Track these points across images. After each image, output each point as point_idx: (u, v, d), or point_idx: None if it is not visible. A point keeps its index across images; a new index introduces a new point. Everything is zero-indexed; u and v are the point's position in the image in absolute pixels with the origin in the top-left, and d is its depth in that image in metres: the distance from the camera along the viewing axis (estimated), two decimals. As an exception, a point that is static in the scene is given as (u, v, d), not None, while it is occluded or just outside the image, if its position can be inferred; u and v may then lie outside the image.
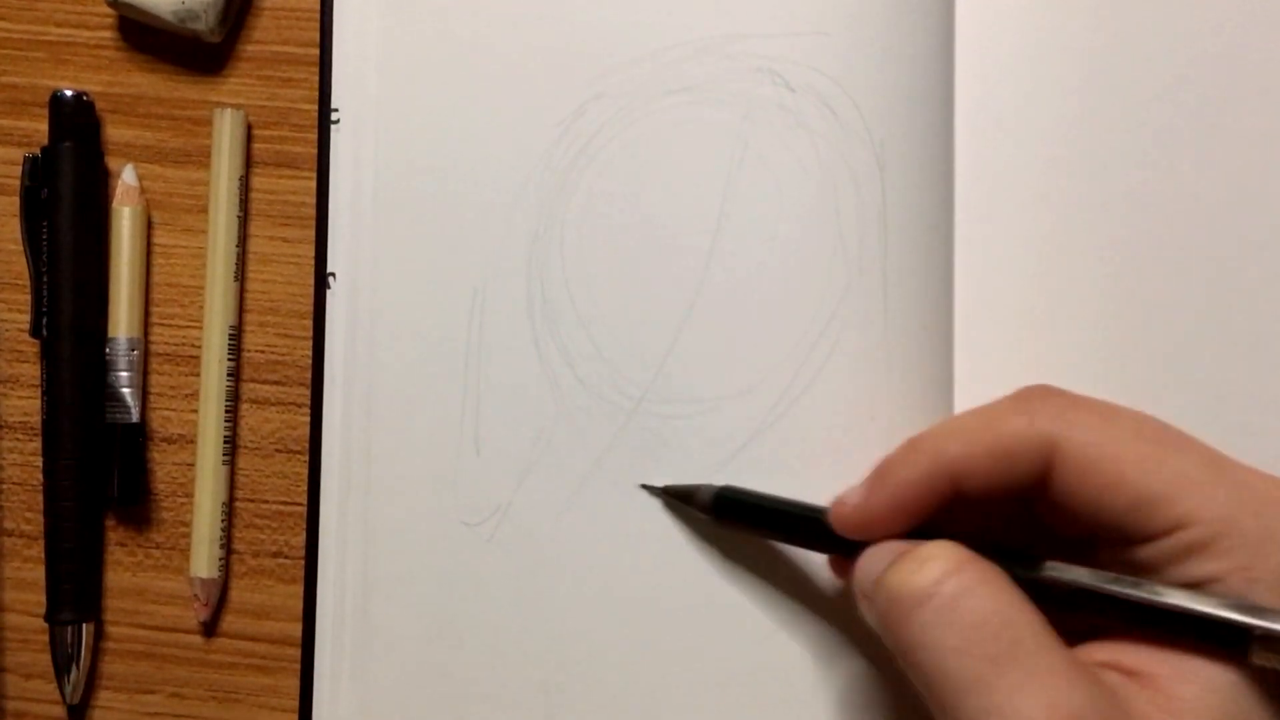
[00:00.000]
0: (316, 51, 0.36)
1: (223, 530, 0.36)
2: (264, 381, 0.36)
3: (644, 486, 0.34)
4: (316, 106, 0.36)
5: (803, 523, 0.30)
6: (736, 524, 0.32)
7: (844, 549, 0.29)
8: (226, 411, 0.36)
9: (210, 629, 0.36)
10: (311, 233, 0.35)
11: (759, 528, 0.32)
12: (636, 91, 0.34)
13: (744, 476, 0.33)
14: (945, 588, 0.24)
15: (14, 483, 0.37)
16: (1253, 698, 0.24)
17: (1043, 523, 0.28)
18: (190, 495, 0.36)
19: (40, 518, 0.36)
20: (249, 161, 0.36)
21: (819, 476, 0.33)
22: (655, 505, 0.34)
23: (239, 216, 0.36)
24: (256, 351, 0.36)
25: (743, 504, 0.32)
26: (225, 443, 0.36)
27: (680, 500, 0.33)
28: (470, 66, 0.35)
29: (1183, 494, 0.24)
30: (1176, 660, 0.24)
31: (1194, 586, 0.24)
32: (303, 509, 0.35)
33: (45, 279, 0.35)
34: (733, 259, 0.34)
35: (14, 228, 0.36)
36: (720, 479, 0.33)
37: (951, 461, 0.26)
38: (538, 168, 0.34)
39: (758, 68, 0.34)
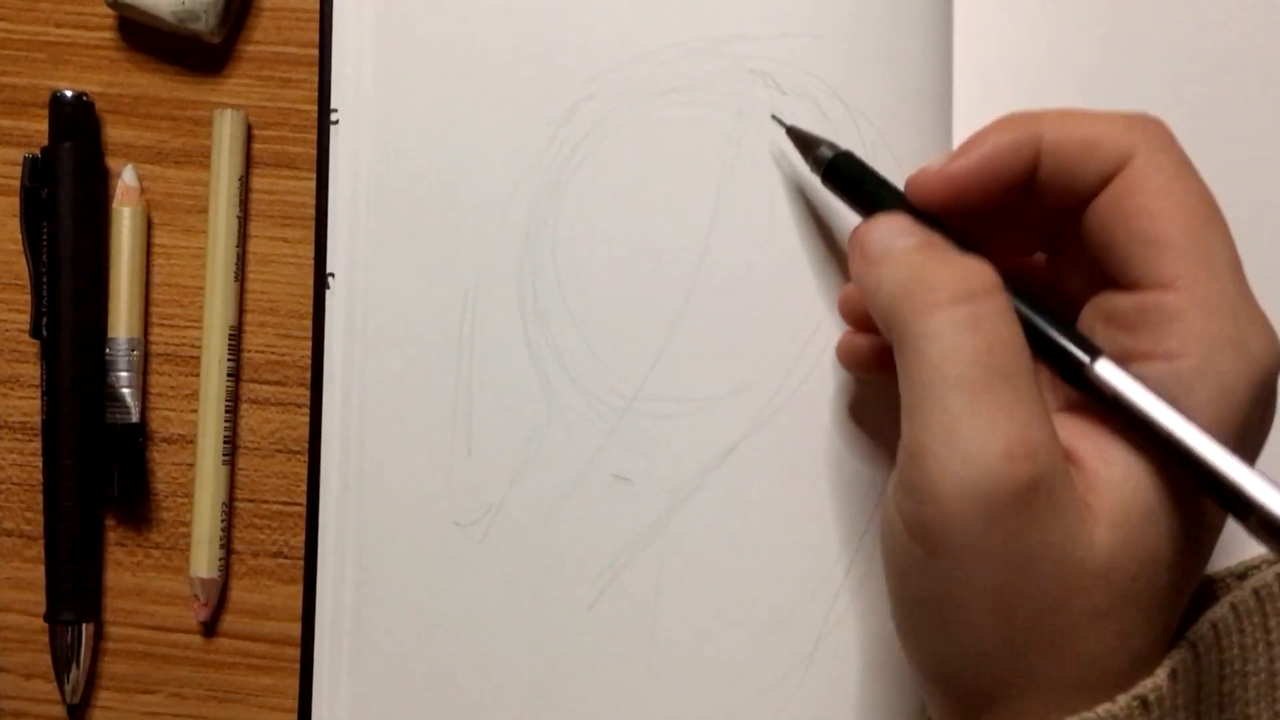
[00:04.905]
0: (316, 52, 0.36)
1: (223, 530, 0.36)
2: (264, 382, 0.36)
3: (774, 118, 0.33)
4: (316, 107, 0.36)
5: (891, 198, 0.29)
6: (836, 188, 0.31)
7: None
8: (226, 412, 0.36)
9: (210, 629, 0.36)
10: (311, 233, 0.36)
11: (853, 201, 0.30)
12: (629, 92, 0.34)
13: (737, 476, 0.33)
14: (982, 305, 0.24)
15: (14, 483, 0.37)
16: (1168, 495, 0.24)
17: (1058, 260, 0.29)
18: (190, 495, 0.36)
19: (40, 518, 0.36)
20: (249, 162, 0.37)
21: (812, 477, 0.33)
22: (648, 500, 0.34)
23: (239, 217, 0.36)
24: (256, 352, 0.36)
25: (851, 177, 0.30)
26: (225, 443, 0.36)
27: (798, 145, 0.32)
28: (466, 67, 0.35)
29: (1190, 260, 0.25)
30: (1105, 443, 0.25)
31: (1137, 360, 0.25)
32: (302, 509, 0.35)
33: (45, 279, 0.35)
34: (725, 258, 0.34)
35: (14, 228, 0.36)
36: (714, 478, 0.33)
37: (1043, 133, 0.26)
38: (530, 167, 0.34)
39: (750, 69, 0.34)
